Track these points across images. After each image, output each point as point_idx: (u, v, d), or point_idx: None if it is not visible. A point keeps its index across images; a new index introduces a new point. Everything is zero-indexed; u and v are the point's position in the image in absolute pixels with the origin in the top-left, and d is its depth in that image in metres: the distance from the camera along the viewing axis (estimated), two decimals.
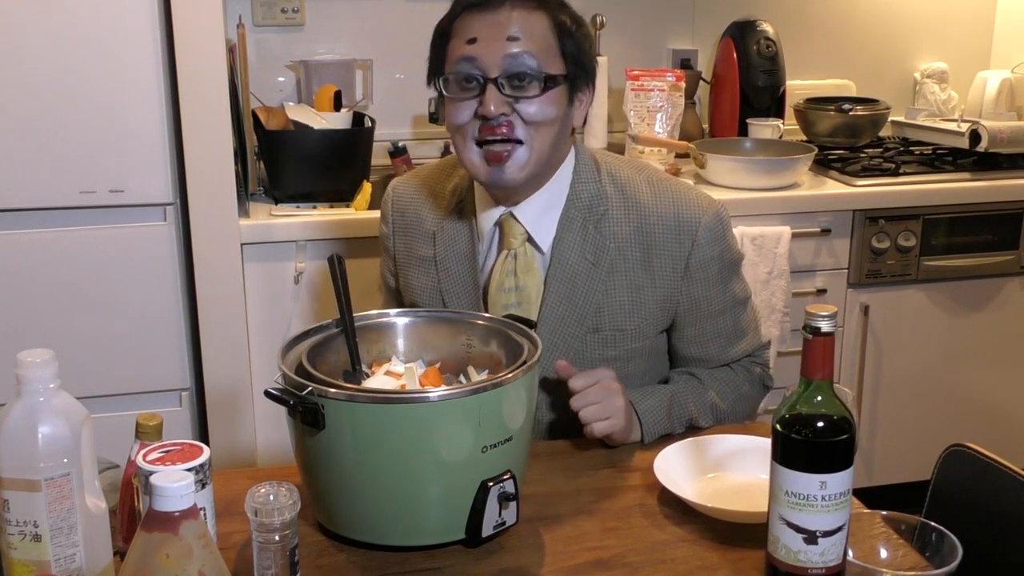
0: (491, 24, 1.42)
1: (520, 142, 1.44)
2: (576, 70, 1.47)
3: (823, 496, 1.04)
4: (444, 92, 1.46)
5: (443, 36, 1.48)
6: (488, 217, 1.55)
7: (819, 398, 1.05)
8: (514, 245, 1.53)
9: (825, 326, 1.03)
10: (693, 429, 1.51)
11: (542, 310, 1.53)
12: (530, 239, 1.53)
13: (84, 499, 1.05)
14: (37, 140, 2.10)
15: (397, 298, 1.71)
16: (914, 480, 2.68)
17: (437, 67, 1.49)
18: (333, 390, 1.15)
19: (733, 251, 1.58)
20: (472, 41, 1.42)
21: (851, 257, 2.64)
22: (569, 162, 1.54)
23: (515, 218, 1.52)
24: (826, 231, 2.60)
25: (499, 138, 1.43)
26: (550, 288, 1.53)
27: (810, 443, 1.04)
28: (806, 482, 1.04)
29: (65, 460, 1.02)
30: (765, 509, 1.09)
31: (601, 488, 1.36)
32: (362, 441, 1.15)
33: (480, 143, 1.44)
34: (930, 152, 2.92)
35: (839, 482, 1.04)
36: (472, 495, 1.17)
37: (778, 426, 1.06)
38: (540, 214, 1.52)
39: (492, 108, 1.41)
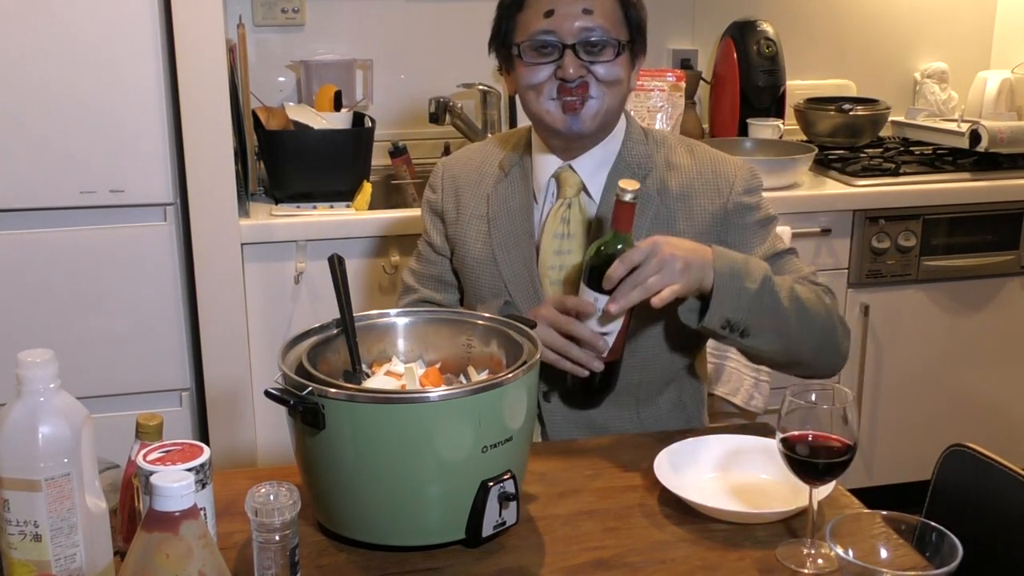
0: None
1: (592, 97, 1.55)
2: (637, 37, 1.60)
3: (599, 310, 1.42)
4: (520, 56, 1.57)
5: (515, 5, 1.58)
6: (545, 170, 1.63)
7: (620, 246, 1.40)
8: (569, 195, 1.61)
9: (629, 198, 1.40)
10: (770, 299, 1.44)
11: (586, 247, 1.56)
12: (584, 190, 1.61)
13: (84, 499, 1.05)
14: (37, 140, 2.10)
15: (439, 265, 1.73)
16: (914, 480, 2.68)
17: (505, 35, 1.60)
18: (333, 390, 1.15)
19: (769, 208, 1.64)
20: (549, 14, 1.54)
21: (851, 257, 2.64)
22: (622, 125, 1.66)
23: (572, 169, 1.61)
24: (826, 231, 2.60)
25: (576, 98, 1.55)
26: (595, 229, 1.60)
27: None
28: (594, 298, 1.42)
29: (65, 460, 1.02)
30: (765, 509, 1.09)
31: (601, 488, 1.36)
32: (362, 441, 1.15)
33: (555, 99, 1.56)
34: (930, 152, 2.92)
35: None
36: (472, 495, 1.17)
37: (590, 252, 1.42)
38: (595, 169, 1.62)
39: (571, 71, 1.53)
